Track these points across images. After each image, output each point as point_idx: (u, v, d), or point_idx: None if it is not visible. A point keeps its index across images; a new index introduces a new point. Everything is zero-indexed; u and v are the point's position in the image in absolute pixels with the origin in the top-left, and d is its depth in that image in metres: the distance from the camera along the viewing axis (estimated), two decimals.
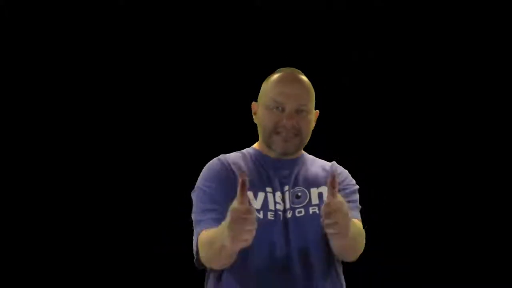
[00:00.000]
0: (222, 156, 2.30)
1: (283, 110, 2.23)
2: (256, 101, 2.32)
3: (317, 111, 2.33)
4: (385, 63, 4.49)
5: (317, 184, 2.26)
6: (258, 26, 4.40)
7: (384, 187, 4.30)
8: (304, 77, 2.31)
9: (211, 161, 2.30)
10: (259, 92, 2.33)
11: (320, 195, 2.23)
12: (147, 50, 4.40)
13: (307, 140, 2.30)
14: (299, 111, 2.24)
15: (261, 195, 2.21)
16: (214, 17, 4.41)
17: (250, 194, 2.18)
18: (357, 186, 2.35)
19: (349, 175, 2.35)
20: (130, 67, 4.40)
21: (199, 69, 4.40)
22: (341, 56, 4.45)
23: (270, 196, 2.21)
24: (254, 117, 2.32)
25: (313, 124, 2.31)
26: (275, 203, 2.21)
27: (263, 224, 2.14)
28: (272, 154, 2.29)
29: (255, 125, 2.33)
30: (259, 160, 2.29)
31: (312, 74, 2.37)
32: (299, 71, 2.34)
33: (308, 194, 2.23)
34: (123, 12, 4.38)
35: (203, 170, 2.30)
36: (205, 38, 4.41)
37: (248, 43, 4.37)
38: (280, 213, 2.20)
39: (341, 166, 2.35)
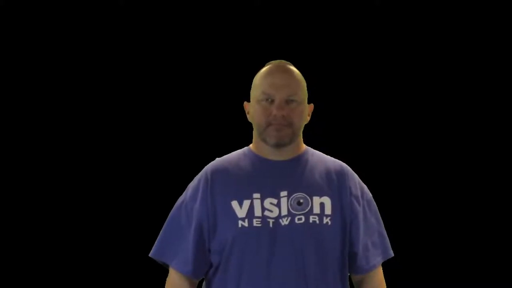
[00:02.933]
0: (211, 168, 2.28)
1: (272, 101, 2.20)
2: (249, 101, 2.30)
3: (312, 104, 2.30)
4: (385, 63, 4.48)
5: (320, 193, 2.21)
6: (258, 26, 4.40)
7: (384, 187, 4.30)
8: (293, 68, 2.28)
9: (199, 174, 2.29)
10: None
11: (322, 205, 2.19)
12: (147, 50, 4.40)
13: (300, 132, 2.26)
14: (289, 101, 2.20)
15: (246, 203, 2.18)
16: (214, 17, 4.41)
17: (235, 203, 2.18)
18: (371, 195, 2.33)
19: (361, 181, 2.32)
20: (129, 67, 4.40)
21: (199, 69, 4.40)
22: (341, 55, 4.45)
23: (257, 202, 2.17)
24: (248, 116, 2.30)
25: (306, 116, 2.27)
26: (264, 209, 2.17)
27: (247, 232, 2.15)
28: (267, 155, 2.25)
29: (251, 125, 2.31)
30: (254, 162, 2.25)
31: (312, 74, 2.37)
32: (288, 62, 2.30)
33: (310, 202, 2.19)
34: (123, 13, 4.39)
35: (192, 181, 2.30)
36: (204, 38, 4.41)
37: (248, 44, 4.37)
38: (269, 220, 2.16)
39: (350, 169, 2.30)
